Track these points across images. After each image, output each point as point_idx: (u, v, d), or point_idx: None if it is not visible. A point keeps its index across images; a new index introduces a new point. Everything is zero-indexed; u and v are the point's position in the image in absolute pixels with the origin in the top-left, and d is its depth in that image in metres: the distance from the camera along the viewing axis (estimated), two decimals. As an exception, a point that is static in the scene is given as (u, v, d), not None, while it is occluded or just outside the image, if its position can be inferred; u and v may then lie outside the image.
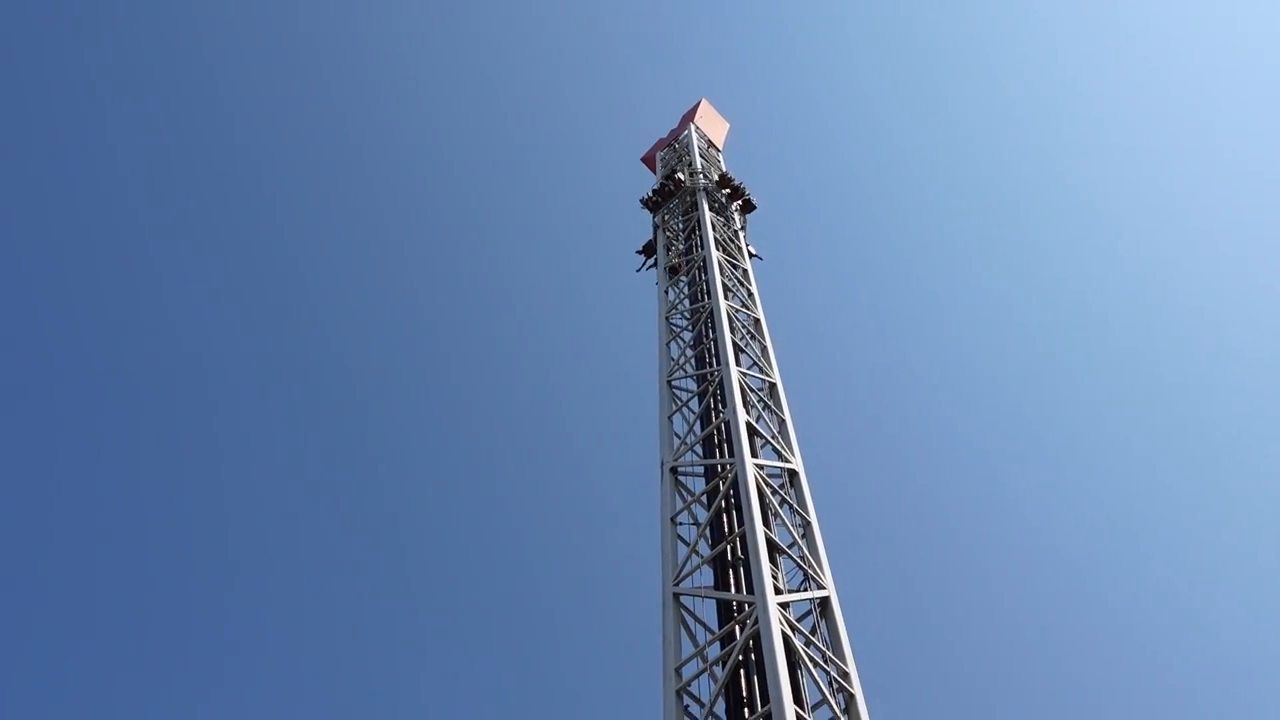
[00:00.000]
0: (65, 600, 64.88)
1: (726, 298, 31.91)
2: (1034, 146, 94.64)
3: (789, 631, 20.17)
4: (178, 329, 78.29)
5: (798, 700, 18.91)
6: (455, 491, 78.23)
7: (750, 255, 37.20)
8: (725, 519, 24.19)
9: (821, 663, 20.69)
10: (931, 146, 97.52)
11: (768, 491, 24.25)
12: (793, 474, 25.85)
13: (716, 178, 40.79)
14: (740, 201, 40.09)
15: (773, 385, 29.09)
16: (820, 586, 22.72)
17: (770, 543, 22.59)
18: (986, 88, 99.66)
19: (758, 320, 32.01)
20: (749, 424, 26.18)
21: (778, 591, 21.24)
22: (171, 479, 71.54)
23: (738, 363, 28.81)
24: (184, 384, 76.04)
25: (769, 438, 26.75)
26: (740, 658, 20.37)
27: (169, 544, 68.19)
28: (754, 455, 25.25)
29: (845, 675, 20.79)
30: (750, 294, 33.48)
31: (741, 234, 38.11)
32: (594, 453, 78.11)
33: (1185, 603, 66.84)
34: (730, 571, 22.94)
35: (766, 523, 23.09)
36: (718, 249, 34.80)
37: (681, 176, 40.58)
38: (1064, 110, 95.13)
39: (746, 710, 19.62)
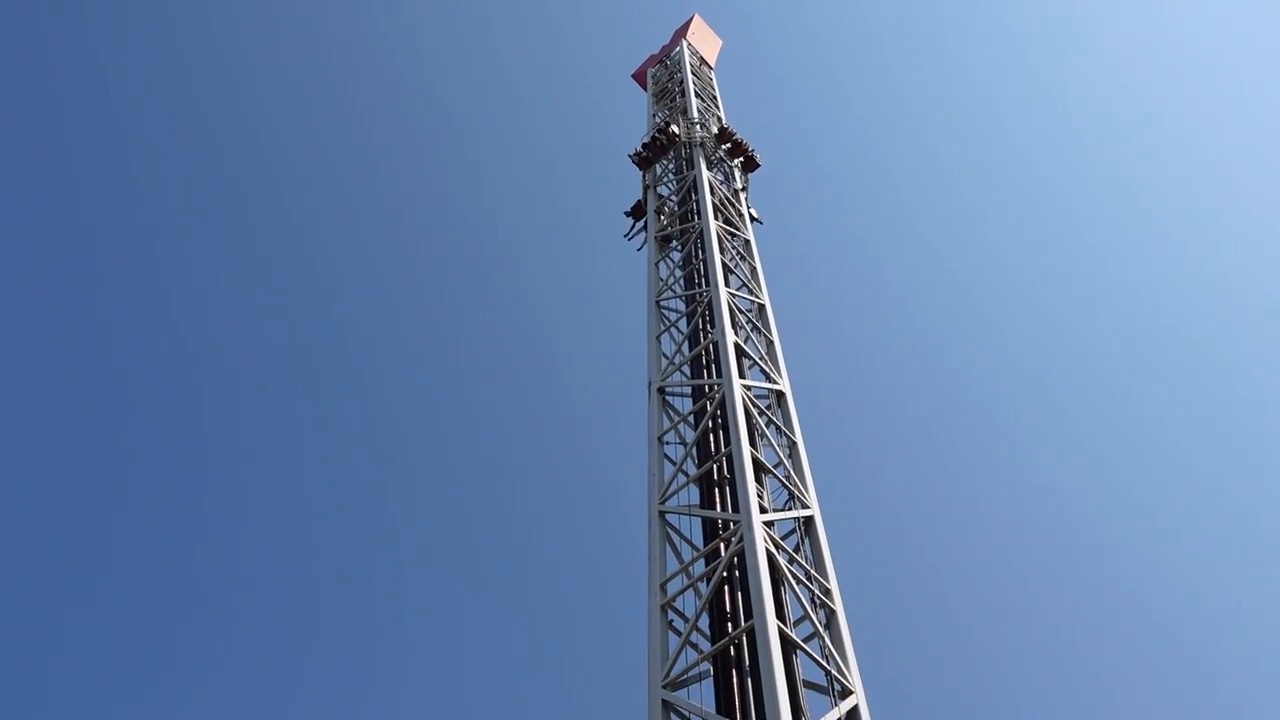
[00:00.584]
0: (50, 596, 64.57)
1: (716, 218, 31.71)
2: (1052, 88, 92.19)
3: (773, 549, 20.46)
4: (159, 321, 76.60)
5: (780, 615, 19.24)
6: (444, 412, 78.46)
7: (752, 219, 33.55)
8: (712, 439, 24.35)
9: (804, 580, 21.03)
10: (937, 76, 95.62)
11: (754, 412, 24.39)
12: (780, 395, 25.99)
13: (715, 130, 36.69)
14: (742, 158, 36.09)
15: (761, 306, 29.09)
16: (805, 506, 22.99)
17: (756, 462, 22.79)
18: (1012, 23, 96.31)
19: (747, 241, 31.87)
20: (737, 345, 26.22)
21: (763, 510, 21.49)
22: (156, 475, 70.79)
23: (727, 284, 28.77)
24: (157, 372, 74.55)
25: (757, 359, 26.84)
26: (725, 574, 20.68)
27: (156, 541, 67.71)
28: (742, 376, 25.35)
29: (827, 592, 21.16)
30: (740, 215, 33.25)
31: (742, 194, 34.52)
32: (581, 373, 78.38)
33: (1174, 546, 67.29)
34: (716, 490, 23.17)
35: (753, 443, 23.27)
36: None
37: (676, 129, 36.38)
38: (1081, 61, 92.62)
39: (730, 625, 19.98)
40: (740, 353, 26.28)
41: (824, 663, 19.42)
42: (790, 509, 22.89)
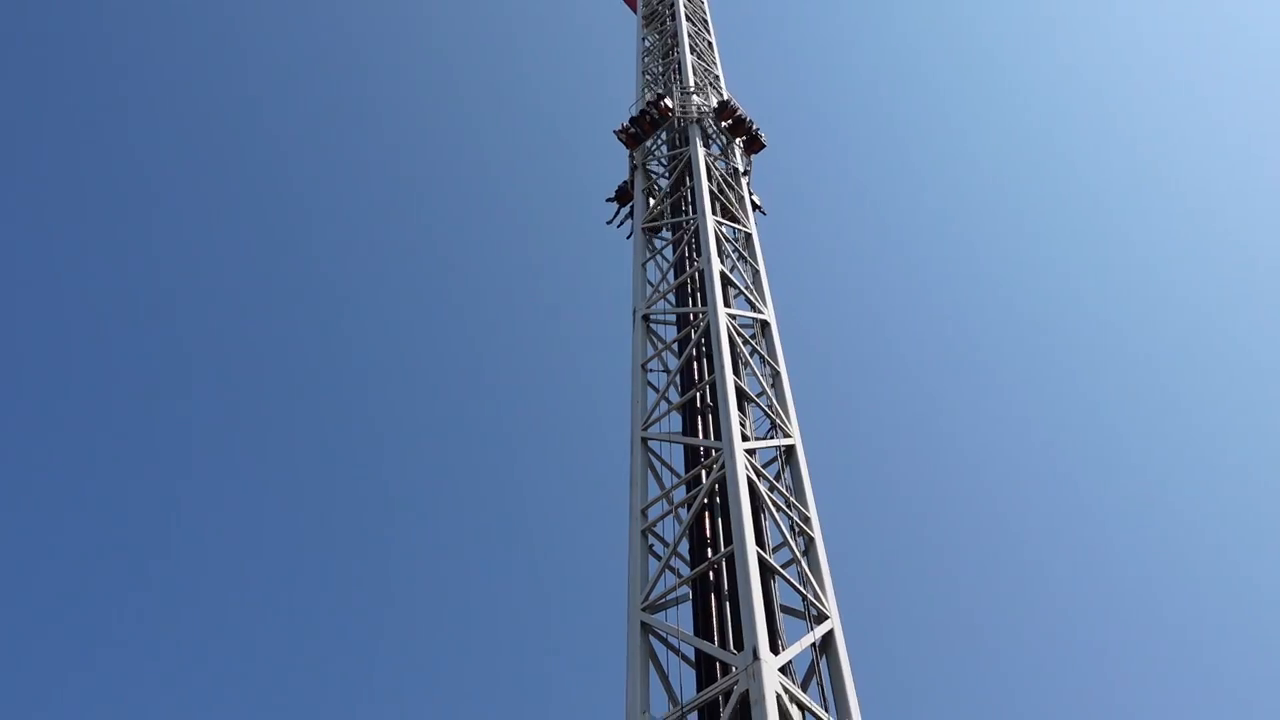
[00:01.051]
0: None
1: (705, 145, 31.39)
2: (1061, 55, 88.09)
3: (754, 477, 20.61)
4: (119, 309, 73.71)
5: (760, 541, 19.46)
6: (428, 336, 78.24)
7: (754, 207, 30.60)
8: (696, 367, 24.40)
9: (784, 507, 21.24)
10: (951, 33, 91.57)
11: (739, 341, 24.42)
12: (764, 324, 25.99)
13: (715, 104, 33.03)
14: (745, 137, 32.52)
15: (748, 235, 28.96)
16: (786, 435, 23.14)
17: (739, 391, 22.86)
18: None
19: (736, 170, 31.60)
20: (723, 273, 26.16)
21: (745, 438, 21.62)
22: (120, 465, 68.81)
23: (714, 212, 28.58)
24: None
25: (742, 288, 26.79)
26: (705, 501, 20.86)
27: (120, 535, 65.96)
28: (727, 305, 25.32)
29: (806, 520, 21.39)
30: (729, 144, 32.89)
31: (745, 179, 31.22)
32: (568, 300, 78.15)
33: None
34: (699, 418, 23.28)
35: (736, 371, 23.32)
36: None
37: (669, 103, 32.68)
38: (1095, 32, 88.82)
39: (709, 550, 20.19)
40: (726, 281, 26.22)
41: (801, 588, 19.68)
42: (772, 438, 23.05)
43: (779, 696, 16.41)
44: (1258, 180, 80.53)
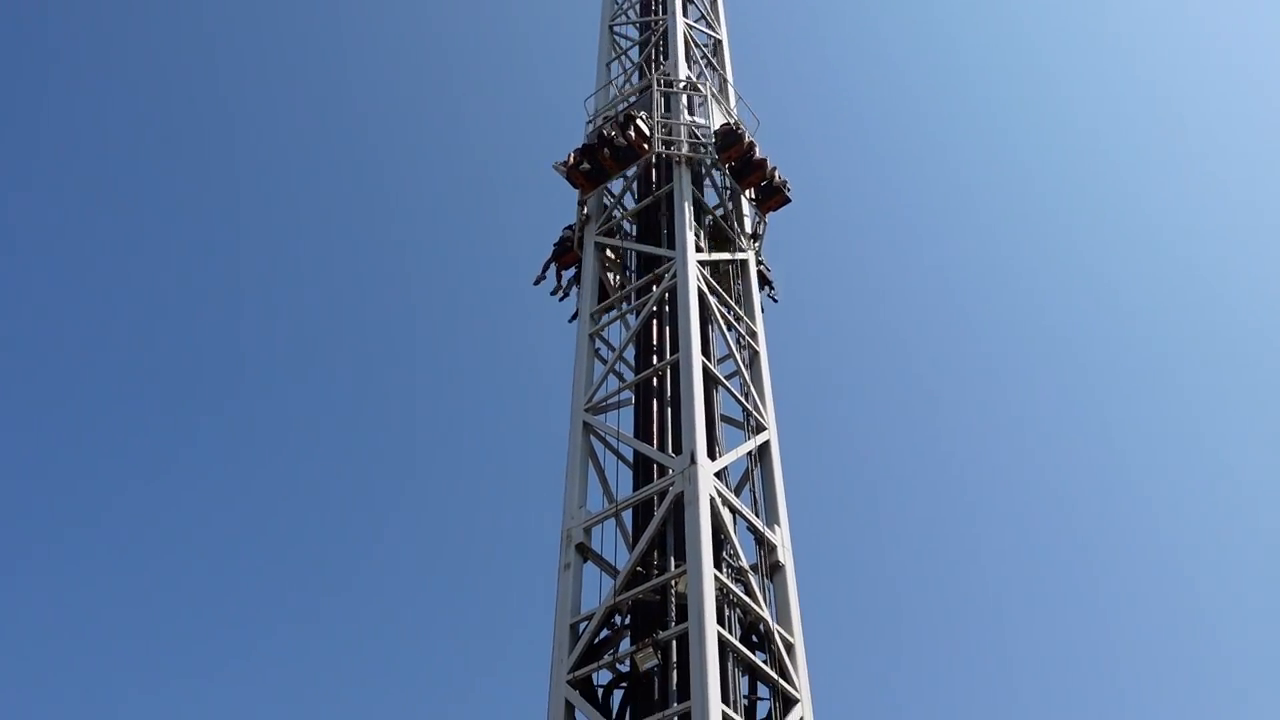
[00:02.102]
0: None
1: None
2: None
3: (704, 289, 20.68)
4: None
5: (705, 352, 19.68)
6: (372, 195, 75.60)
7: (764, 278, 23.51)
8: (654, 174, 23.98)
9: (733, 321, 21.43)
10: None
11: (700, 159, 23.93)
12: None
13: (717, 129, 23.21)
14: (758, 187, 23.20)
15: (718, 42, 28.09)
16: (740, 250, 23.14)
17: (696, 202, 22.67)
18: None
19: (719, 42, 29.31)
20: (689, 80, 25.48)
21: (699, 250, 21.57)
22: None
23: (685, 14, 27.62)
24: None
25: (709, 97, 26.12)
26: (654, 309, 20.96)
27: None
28: (691, 113, 24.67)
29: (753, 335, 21.68)
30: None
31: (754, 247, 23.23)
32: (518, 101, 75.73)
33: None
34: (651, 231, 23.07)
35: (696, 184, 23.04)
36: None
37: (643, 127, 22.32)
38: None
39: (655, 357, 20.43)
40: (691, 88, 25.51)
41: (742, 399, 20.08)
42: (726, 251, 23.01)
43: (712, 499, 16.96)
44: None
